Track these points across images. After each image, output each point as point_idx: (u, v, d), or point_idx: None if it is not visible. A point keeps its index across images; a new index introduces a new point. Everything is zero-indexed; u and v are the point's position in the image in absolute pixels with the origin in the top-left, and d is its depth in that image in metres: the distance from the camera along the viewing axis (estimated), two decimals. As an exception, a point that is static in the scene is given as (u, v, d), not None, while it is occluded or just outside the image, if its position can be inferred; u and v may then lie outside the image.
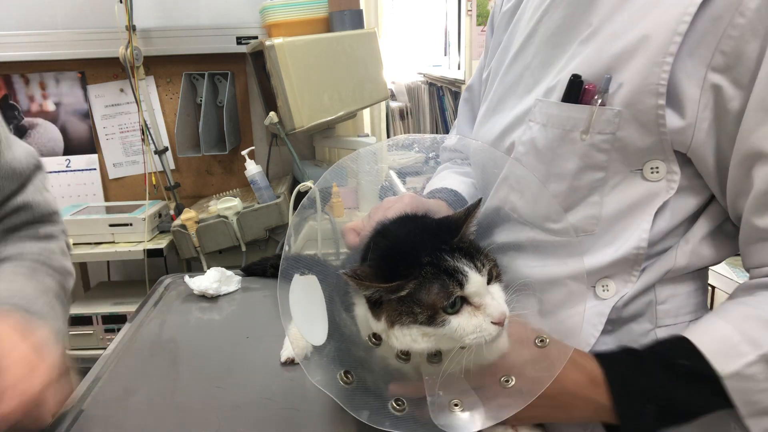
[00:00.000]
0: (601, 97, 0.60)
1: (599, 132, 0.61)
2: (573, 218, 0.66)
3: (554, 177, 0.66)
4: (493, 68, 0.83)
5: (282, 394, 0.76)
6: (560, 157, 0.64)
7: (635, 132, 0.60)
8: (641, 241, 0.64)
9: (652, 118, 0.58)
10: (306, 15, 1.92)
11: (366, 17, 2.02)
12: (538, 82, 0.70)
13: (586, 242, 0.66)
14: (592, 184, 0.64)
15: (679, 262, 0.66)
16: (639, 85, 0.58)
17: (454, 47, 2.08)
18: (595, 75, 0.61)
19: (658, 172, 0.61)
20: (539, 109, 0.67)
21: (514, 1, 0.82)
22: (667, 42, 0.56)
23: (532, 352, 0.60)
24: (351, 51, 1.81)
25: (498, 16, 0.87)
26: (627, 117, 0.59)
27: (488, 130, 0.78)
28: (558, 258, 0.68)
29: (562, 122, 0.63)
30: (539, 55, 0.70)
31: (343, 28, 1.90)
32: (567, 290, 0.69)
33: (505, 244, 0.74)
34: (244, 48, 2.18)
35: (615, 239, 0.65)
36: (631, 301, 0.67)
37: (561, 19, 0.68)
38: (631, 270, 0.66)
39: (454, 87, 2.13)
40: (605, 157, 0.62)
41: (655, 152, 0.60)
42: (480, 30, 1.95)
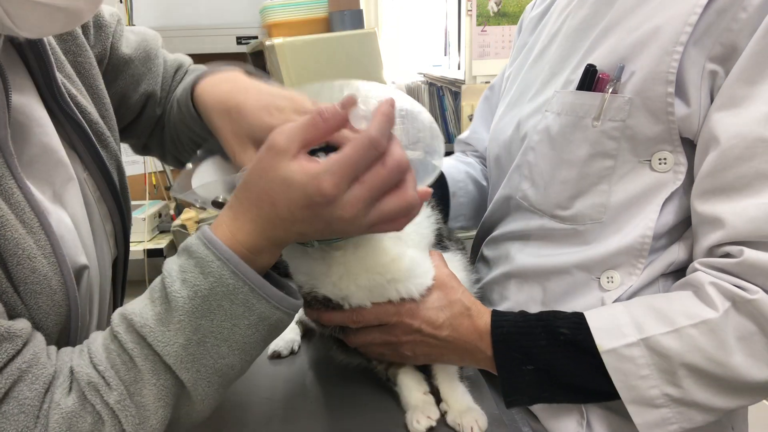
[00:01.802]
0: (613, 85, 0.62)
1: (610, 119, 0.63)
2: (581, 205, 0.68)
3: (565, 163, 0.68)
4: (516, 67, 0.87)
5: (282, 393, 0.76)
6: (572, 144, 0.67)
7: (645, 120, 0.62)
8: (647, 230, 0.65)
9: (662, 105, 0.60)
10: (306, 15, 1.92)
11: (366, 17, 2.02)
12: (555, 75, 0.73)
13: (593, 230, 0.68)
14: (602, 172, 0.66)
15: (681, 256, 0.67)
16: (650, 73, 0.60)
17: (454, 47, 2.08)
18: (611, 65, 0.63)
19: (666, 163, 0.63)
20: (557, 99, 0.69)
21: (543, 7, 0.86)
22: (678, 32, 0.58)
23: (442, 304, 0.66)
24: (351, 51, 1.81)
25: (526, 21, 0.90)
26: (637, 104, 0.61)
27: (507, 123, 0.81)
28: (565, 246, 0.70)
29: (575, 109, 0.66)
30: (560, 52, 0.73)
31: (343, 28, 1.90)
32: (572, 279, 0.70)
33: (513, 232, 0.77)
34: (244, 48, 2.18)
35: (622, 228, 0.67)
36: (635, 294, 0.68)
37: (584, 16, 0.71)
38: (636, 262, 0.67)
39: (454, 87, 2.13)
40: (615, 145, 0.64)
41: (664, 141, 0.62)
42: (480, 30, 1.96)
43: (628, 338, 0.60)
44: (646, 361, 0.59)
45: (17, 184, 0.51)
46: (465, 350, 0.67)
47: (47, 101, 0.61)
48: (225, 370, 0.50)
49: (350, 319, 0.66)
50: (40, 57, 0.59)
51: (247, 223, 0.50)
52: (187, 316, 0.47)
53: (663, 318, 0.60)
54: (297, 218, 0.49)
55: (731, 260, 0.58)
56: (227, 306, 0.48)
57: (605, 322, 0.62)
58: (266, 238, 0.51)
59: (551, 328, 0.64)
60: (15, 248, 0.49)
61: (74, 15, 0.50)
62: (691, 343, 0.58)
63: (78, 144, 0.64)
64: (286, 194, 0.48)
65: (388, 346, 0.68)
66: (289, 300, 0.52)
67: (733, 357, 0.56)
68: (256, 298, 0.49)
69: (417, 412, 0.64)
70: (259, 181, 0.50)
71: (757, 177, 0.56)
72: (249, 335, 0.50)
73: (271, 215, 0.50)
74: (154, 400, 0.47)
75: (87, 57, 0.69)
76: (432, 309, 0.66)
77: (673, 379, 0.59)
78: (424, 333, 0.66)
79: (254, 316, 0.50)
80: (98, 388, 0.46)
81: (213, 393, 0.50)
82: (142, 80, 0.79)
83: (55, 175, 0.59)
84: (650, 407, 0.60)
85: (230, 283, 0.48)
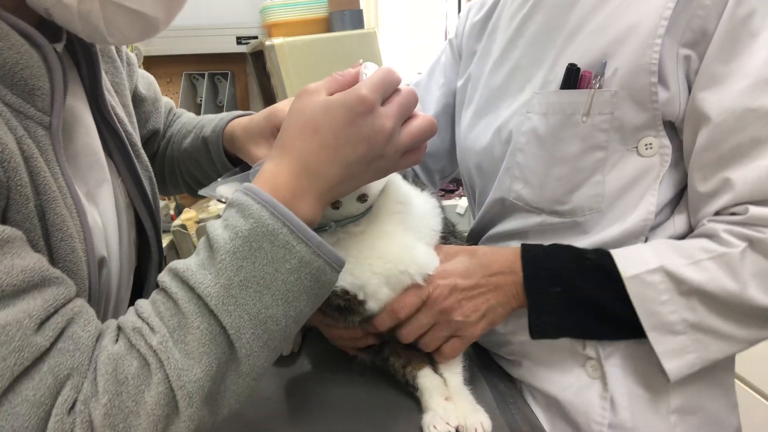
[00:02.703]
0: (598, 81, 0.66)
1: (599, 113, 0.66)
2: (579, 198, 0.70)
3: (557, 161, 0.70)
4: (473, 75, 0.87)
5: (282, 393, 0.76)
6: (563, 141, 0.69)
7: (631, 110, 0.66)
8: (649, 213, 0.68)
9: (646, 95, 0.64)
10: (306, 15, 1.92)
11: (366, 17, 2.02)
12: (529, 79, 0.74)
13: (592, 220, 0.71)
14: (594, 164, 0.68)
15: (678, 228, 0.70)
16: (633, 67, 0.64)
17: (454, 47, 2.08)
18: (589, 64, 0.67)
19: (652, 148, 0.67)
20: (537, 100, 0.71)
21: (483, 13, 0.88)
22: (655, 26, 0.62)
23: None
24: (351, 51, 1.81)
25: (467, 27, 0.92)
26: (623, 96, 0.65)
27: (482, 131, 0.81)
28: (565, 238, 0.72)
29: (563, 108, 0.68)
30: (527, 55, 0.75)
31: (343, 28, 1.90)
32: None
33: (511, 231, 0.77)
34: (244, 48, 2.18)
35: (622, 214, 0.69)
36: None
37: (544, 21, 0.74)
38: (636, 241, 0.70)
39: (454, 87, 2.13)
40: (605, 137, 0.67)
41: (648, 128, 0.66)
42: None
43: (650, 265, 0.64)
44: (666, 287, 0.63)
45: (61, 171, 0.54)
46: (500, 285, 0.70)
47: (92, 107, 0.66)
48: (269, 323, 0.49)
49: (395, 312, 0.67)
50: (92, 66, 0.65)
51: (289, 164, 0.52)
52: (229, 256, 0.48)
53: (683, 253, 0.64)
54: (341, 141, 0.51)
55: (738, 216, 0.63)
56: (268, 248, 0.49)
57: (629, 252, 0.67)
58: (309, 177, 0.52)
59: (578, 254, 0.68)
60: (61, 224, 0.52)
61: (152, 25, 0.57)
62: (708, 273, 0.62)
63: (114, 151, 0.69)
64: (327, 115, 0.51)
65: (440, 326, 0.69)
66: (328, 248, 0.51)
67: (748, 290, 0.61)
68: (296, 240, 0.49)
69: (436, 417, 0.64)
70: (300, 116, 0.53)
71: (753, 143, 0.61)
72: (291, 282, 0.49)
73: (313, 146, 0.52)
74: (198, 345, 0.46)
75: (122, 79, 0.76)
76: (458, 263, 0.70)
77: (690, 303, 0.63)
78: (461, 287, 0.69)
79: (295, 259, 0.49)
80: (142, 332, 0.47)
81: (258, 351, 0.49)
82: (150, 118, 0.88)
83: (91, 175, 0.63)
84: (670, 334, 0.63)
85: (270, 224, 0.49)
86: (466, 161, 0.87)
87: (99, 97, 0.66)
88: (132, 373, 0.45)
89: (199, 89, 2.33)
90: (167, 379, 0.45)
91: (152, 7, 0.55)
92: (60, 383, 0.43)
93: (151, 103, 0.88)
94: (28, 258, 0.45)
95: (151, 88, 0.89)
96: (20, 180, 0.48)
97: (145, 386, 0.45)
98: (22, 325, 0.42)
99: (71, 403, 0.43)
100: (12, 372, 0.41)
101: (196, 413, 0.46)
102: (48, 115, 0.54)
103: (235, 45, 2.19)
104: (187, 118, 0.94)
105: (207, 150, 0.82)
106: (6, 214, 0.48)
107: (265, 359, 0.50)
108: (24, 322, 0.42)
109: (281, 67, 1.68)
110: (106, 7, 0.52)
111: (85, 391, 0.44)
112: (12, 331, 0.41)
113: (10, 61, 0.50)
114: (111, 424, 0.43)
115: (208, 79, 2.25)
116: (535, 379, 0.76)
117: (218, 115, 0.84)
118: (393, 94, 0.54)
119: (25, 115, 0.52)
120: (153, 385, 0.45)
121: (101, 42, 0.57)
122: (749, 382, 1.63)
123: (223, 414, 0.50)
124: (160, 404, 0.45)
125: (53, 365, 0.43)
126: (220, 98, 2.36)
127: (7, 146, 0.47)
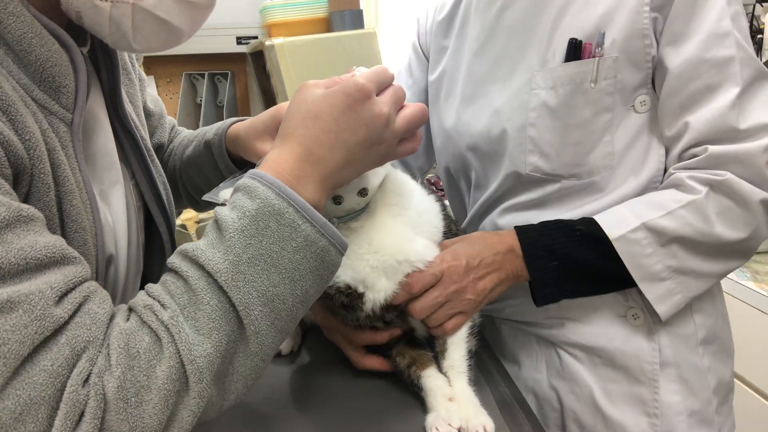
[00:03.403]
0: (600, 50, 0.74)
1: (604, 78, 0.74)
2: (594, 158, 0.77)
3: (572, 127, 0.77)
4: (448, 68, 0.94)
5: (282, 393, 0.76)
6: (576, 108, 0.76)
7: (630, 72, 0.74)
8: (660, 163, 0.77)
9: (642, 56, 0.74)
10: (306, 15, 1.92)
11: (366, 17, 2.02)
12: (519, 62, 0.81)
13: (607, 177, 0.78)
14: (604, 125, 0.76)
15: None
16: (629, 33, 0.73)
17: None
18: (584, 37, 0.75)
19: (645, 104, 0.76)
20: (542, 77, 0.77)
21: (446, 12, 0.96)
22: None
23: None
24: (351, 51, 1.81)
25: (433, 26, 0.99)
26: (622, 60, 0.74)
27: (474, 116, 0.87)
28: (583, 198, 0.79)
29: (571, 78, 0.75)
30: (512, 41, 0.82)
31: (343, 28, 1.90)
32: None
33: (528, 201, 0.83)
34: (244, 48, 2.18)
35: (633, 169, 0.78)
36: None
37: (526, 7, 0.81)
38: (653, 190, 0.77)
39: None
40: (611, 99, 0.75)
41: (642, 86, 0.76)
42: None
43: (631, 225, 0.73)
44: (648, 241, 0.72)
45: (79, 167, 0.57)
46: (503, 264, 0.76)
47: (109, 112, 0.69)
48: (276, 301, 0.50)
49: (410, 285, 0.70)
50: (112, 72, 0.68)
51: (292, 149, 0.55)
52: (237, 234, 0.49)
53: (657, 206, 0.73)
54: (341, 126, 0.54)
55: (698, 158, 0.72)
56: (274, 226, 0.50)
57: (611, 216, 0.75)
58: (312, 162, 0.54)
59: (568, 228, 0.76)
60: (76, 216, 0.54)
61: (175, 35, 0.60)
62: (681, 220, 0.72)
63: (129, 155, 0.71)
64: (328, 102, 0.55)
65: (451, 304, 0.72)
66: (332, 228, 0.53)
67: (715, 228, 0.71)
68: (302, 219, 0.51)
69: (439, 419, 0.64)
70: (301, 106, 0.56)
71: (707, 89, 0.71)
72: (297, 260, 0.51)
73: (315, 131, 0.55)
74: (208, 321, 0.47)
75: (136, 91, 0.79)
76: (465, 245, 0.76)
77: (671, 250, 0.73)
78: (472, 267, 0.74)
79: (300, 238, 0.51)
80: (153, 309, 0.48)
81: (266, 329, 0.50)
82: (155, 132, 0.92)
83: (105, 176, 0.65)
84: (657, 281, 0.73)
85: (276, 203, 0.51)
86: (455, 147, 0.91)
87: (117, 101, 0.69)
88: (144, 347, 0.46)
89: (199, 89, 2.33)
90: (178, 353, 0.46)
91: (179, 18, 0.58)
92: (76, 355, 0.44)
93: (157, 118, 0.92)
94: (50, 237, 0.47)
95: (158, 105, 0.93)
96: (43, 168, 0.50)
97: (156, 361, 0.45)
98: (44, 295, 0.43)
99: (86, 376, 0.43)
100: (32, 340, 0.41)
101: (205, 390, 0.47)
102: (71, 112, 0.56)
103: (235, 45, 2.19)
104: (187, 132, 0.97)
105: (210, 154, 0.83)
106: (27, 200, 0.50)
107: (272, 339, 0.51)
108: (46, 293, 0.43)
109: (281, 67, 1.68)
110: (137, 13, 0.55)
111: (99, 365, 0.44)
112: (34, 300, 0.42)
113: (41, 57, 0.52)
114: (123, 397, 0.44)
115: (208, 79, 2.25)
116: (579, 336, 0.82)
117: (219, 123, 0.87)
118: (386, 88, 0.58)
119: (50, 111, 0.54)
120: (164, 359, 0.46)
121: (126, 48, 0.59)
122: (749, 382, 1.64)
123: (230, 399, 0.51)
124: (171, 379, 0.45)
125: (71, 337, 0.44)
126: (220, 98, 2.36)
127: (33, 134, 0.50)
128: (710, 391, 0.80)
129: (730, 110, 0.70)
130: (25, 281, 0.43)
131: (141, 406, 0.44)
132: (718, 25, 0.70)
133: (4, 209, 0.43)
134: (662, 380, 0.78)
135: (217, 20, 2.12)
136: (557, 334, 0.84)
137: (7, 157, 0.46)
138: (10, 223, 0.43)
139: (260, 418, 0.72)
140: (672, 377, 0.78)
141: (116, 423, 0.43)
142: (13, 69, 0.51)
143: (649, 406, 0.78)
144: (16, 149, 0.47)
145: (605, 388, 0.81)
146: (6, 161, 0.46)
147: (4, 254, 0.42)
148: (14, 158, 0.47)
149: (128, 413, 0.44)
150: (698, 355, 0.79)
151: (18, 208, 0.44)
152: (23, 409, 0.40)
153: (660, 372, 0.78)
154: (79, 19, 0.56)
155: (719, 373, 0.81)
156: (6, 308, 0.41)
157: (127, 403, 0.44)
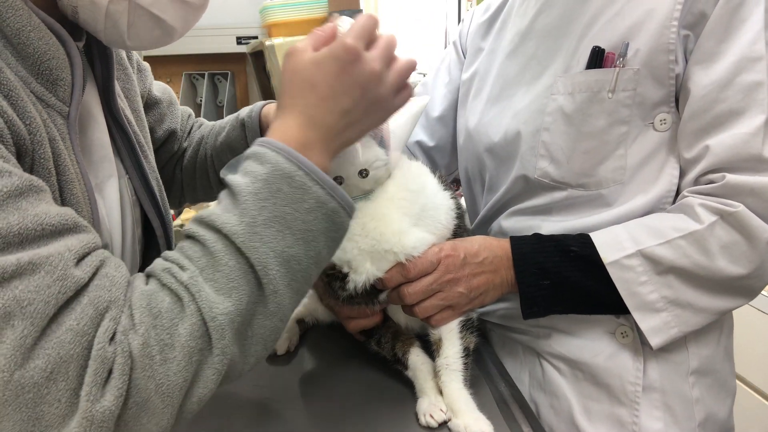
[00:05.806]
0: (621, 61, 0.72)
1: (623, 89, 0.73)
2: (604, 170, 0.76)
3: (585, 136, 0.75)
4: (480, 69, 0.94)
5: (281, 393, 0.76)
6: (590, 117, 0.75)
7: (651, 86, 0.72)
8: (672, 185, 0.74)
9: (665, 71, 0.71)
10: (306, 15, 1.92)
11: (366, 17, 2.01)
12: (546, 67, 0.80)
13: (616, 192, 0.76)
14: (619, 138, 0.74)
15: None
16: (654, 47, 0.71)
17: (454, 47, 2.08)
18: (610, 47, 0.74)
19: (666, 123, 0.73)
20: (562, 82, 0.77)
21: (489, 14, 0.97)
22: (671, 10, 0.70)
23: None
24: (351, 51, 1.81)
25: (473, 27, 1.00)
26: (644, 74, 0.72)
27: (495, 116, 0.87)
28: (589, 210, 0.78)
29: (590, 86, 0.74)
30: (543, 46, 0.82)
31: (343, 28, 1.89)
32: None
33: (535, 207, 0.82)
34: (244, 48, 2.18)
35: (644, 187, 0.75)
36: None
37: (560, 13, 0.80)
38: (661, 210, 0.75)
39: (454, 87, 2.13)
40: (628, 112, 0.73)
41: (663, 104, 0.73)
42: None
43: (627, 250, 0.70)
44: (643, 268, 0.70)
45: (77, 159, 0.57)
46: (499, 268, 0.75)
47: (103, 107, 0.69)
48: (292, 262, 0.51)
49: (406, 269, 0.70)
50: (106, 67, 0.68)
51: (294, 119, 0.56)
52: (251, 197, 0.50)
53: (656, 232, 0.71)
54: (337, 91, 0.55)
55: (714, 185, 0.69)
56: (286, 189, 0.51)
57: (607, 238, 0.73)
58: (315, 128, 0.56)
59: (562, 246, 0.74)
60: (76, 205, 0.55)
61: (168, 34, 0.61)
62: (679, 251, 0.69)
63: (122, 149, 0.72)
64: (320, 70, 0.55)
65: (441, 294, 0.72)
66: (341, 190, 0.54)
67: (716, 261, 0.68)
68: (312, 181, 0.52)
69: (431, 406, 0.64)
70: (295, 76, 0.57)
71: (731, 114, 0.68)
72: (309, 222, 0.52)
73: (313, 100, 0.56)
74: (227, 281, 0.48)
75: (133, 86, 0.80)
76: (466, 241, 0.76)
77: (667, 280, 0.70)
78: (469, 262, 0.73)
79: (312, 200, 0.52)
80: (172, 271, 0.49)
81: (283, 289, 0.51)
82: (165, 119, 0.94)
83: (100, 169, 0.66)
84: (652, 312, 0.70)
85: (286, 167, 0.52)
86: (475, 147, 0.92)
87: (110, 97, 0.70)
88: (165, 307, 0.46)
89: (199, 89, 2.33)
90: (199, 311, 0.47)
91: (173, 16, 0.60)
92: (100, 314, 0.44)
93: (166, 105, 0.94)
94: (61, 207, 0.48)
95: (166, 92, 0.95)
96: (44, 153, 0.52)
97: (178, 319, 0.46)
98: (63, 257, 0.44)
99: (111, 334, 0.44)
100: (57, 300, 0.42)
101: (228, 347, 0.48)
102: (67, 105, 0.57)
103: (235, 45, 2.19)
104: (214, 122, 0.99)
105: (244, 135, 0.86)
106: None
107: (289, 300, 0.52)
108: (65, 255, 0.44)
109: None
110: (133, 10, 0.56)
111: (123, 323, 0.45)
112: (55, 261, 0.43)
113: (39, 51, 0.53)
114: (149, 354, 0.44)
115: (208, 79, 2.25)
116: (565, 348, 0.80)
117: (251, 105, 0.90)
118: (375, 40, 0.58)
119: (47, 104, 0.55)
120: (186, 318, 0.46)
121: (119, 45, 0.61)
122: (749, 382, 1.63)
123: (250, 361, 0.51)
124: (193, 336, 0.46)
125: (93, 298, 0.44)
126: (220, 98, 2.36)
127: (34, 120, 0.51)
128: (695, 424, 0.75)
129: (754, 138, 0.67)
130: (43, 246, 0.44)
131: (166, 364, 0.45)
132: (751, 48, 0.67)
133: (17, 178, 0.44)
134: (644, 404, 0.75)
135: (217, 20, 2.12)
136: (543, 344, 0.82)
137: (11, 134, 0.47)
138: (23, 192, 0.44)
139: (258, 416, 0.72)
140: (656, 402, 0.75)
141: (143, 380, 0.44)
142: (12, 61, 0.52)
143: (628, 429, 0.75)
144: (18, 129, 0.48)
145: (585, 405, 0.78)
146: (9, 138, 0.47)
147: (21, 220, 0.43)
148: (17, 138, 0.48)
149: (154, 370, 0.44)
150: (688, 384, 0.75)
151: (29, 178, 0.45)
152: (54, 368, 0.41)
153: (642, 395, 0.75)
154: (74, 15, 0.56)
155: (710, 408, 0.77)
156: (28, 270, 0.42)
157: (152, 360, 0.44)
